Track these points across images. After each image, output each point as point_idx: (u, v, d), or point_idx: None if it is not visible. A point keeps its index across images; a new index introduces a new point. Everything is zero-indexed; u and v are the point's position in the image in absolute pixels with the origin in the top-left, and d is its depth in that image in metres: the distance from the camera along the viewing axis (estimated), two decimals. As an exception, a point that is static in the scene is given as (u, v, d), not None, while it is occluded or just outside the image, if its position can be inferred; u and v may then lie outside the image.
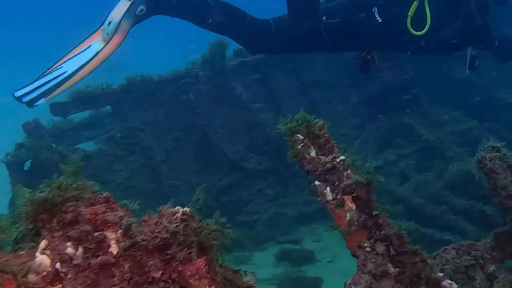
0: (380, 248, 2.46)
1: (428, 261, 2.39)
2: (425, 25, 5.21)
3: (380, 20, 5.32)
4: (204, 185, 2.09)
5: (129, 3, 5.23)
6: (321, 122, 2.54)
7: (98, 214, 1.87)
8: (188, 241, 1.85)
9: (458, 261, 2.71)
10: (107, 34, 5.28)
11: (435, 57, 7.60)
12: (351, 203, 2.49)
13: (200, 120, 7.54)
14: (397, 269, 2.39)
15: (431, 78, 8.87)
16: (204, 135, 7.61)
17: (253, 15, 5.64)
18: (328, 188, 2.49)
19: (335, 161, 2.50)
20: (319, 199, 2.51)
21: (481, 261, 2.78)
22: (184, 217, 1.90)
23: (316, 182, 2.52)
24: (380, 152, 8.19)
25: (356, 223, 2.46)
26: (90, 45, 5.36)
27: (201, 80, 7.77)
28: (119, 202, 1.98)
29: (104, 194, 1.90)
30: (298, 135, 2.53)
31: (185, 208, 1.93)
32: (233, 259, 6.44)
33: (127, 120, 7.53)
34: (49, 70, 5.32)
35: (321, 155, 2.53)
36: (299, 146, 2.52)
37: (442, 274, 2.38)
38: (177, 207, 1.94)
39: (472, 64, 5.73)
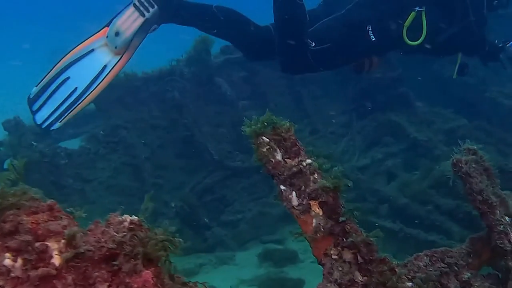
0: (348, 255, 2.36)
1: (396, 270, 2.29)
2: (421, 35, 5.20)
3: (374, 39, 5.28)
4: (152, 192, 1.98)
5: (142, 20, 5.17)
6: (288, 123, 2.44)
7: (40, 223, 1.77)
8: (135, 252, 1.75)
9: (431, 269, 2.61)
10: (116, 48, 5.21)
11: (425, 57, 7.56)
12: (318, 208, 2.39)
13: (185, 118, 7.43)
14: (365, 278, 2.29)
15: (420, 75, 8.79)
16: (189, 133, 7.49)
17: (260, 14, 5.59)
18: (293, 193, 2.39)
19: (301, 165, 2.40)
20: (284, 204, 2.41)
21: (456, 268, 2.69)
22: (131, 226, 1.81)
23: (281, 187, 2.42)
24: (367, 151, 8.10)
25: (322, 229, 2.36)
26: (93, 49, 5.29)
27: (186, 78, 7.66)
28: (65, 209, 1.88)
29: (48, 202, 1.80)
30: (263, 137, 2.43)
31: (133, 217, 1.83)
32: (215, 259, 6.37)
33: (111, 118, 7.41)
34: (54, 71, 5.25)
35: (287, 158, 2.43)
36: (264, 149, 2.43)
37: (410, 284, 2.28)
38: (124, 215, 1.85)
39: (461, 70, 5.70)
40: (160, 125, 7.63)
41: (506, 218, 2.80)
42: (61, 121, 5.24)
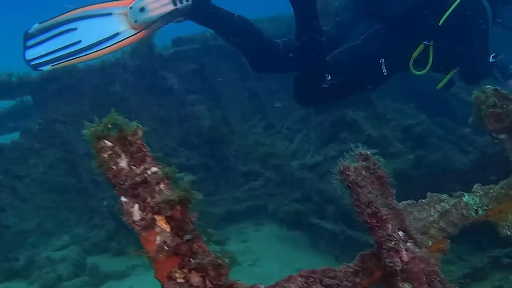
0: (195, 279, 2.04)
1: (246, 298, 1.97)
2: (426, 65, 5.24)
3: (385, 73, 5.22)
4: None
5: (172, 8, 4.93)
6: (135, 125, 2.11)
7: None
8: None
9: (305, 292, 2.29)
10: (135, 22, 4.92)
11: None
12: (165, 224, 2.07)
13: (127, 112, 7.07)
14: (214, 305, 1.97)
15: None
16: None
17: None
18: (135, 206, 2.07)
19: (146, 173, 2.07)
20: (124, 219, 2.08)
21: (337, 290, 2.37)
22: None
23: (123, 198, 2.09)
24: (323, 147, 7.79)
25: (166, 248, 2.03)
26: (111, 13, 5.04)
27: (130, 70, 7.31)
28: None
29: None
30: (105, 141, 2.10)
31: None
32: (148, 262, 6.06)
33: (47, 112, 7.06)
34: (63, 17, 5.00)
35: (132, 165, 2.10)
36: (106, 155, 2.09)
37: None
38: None
39: (448, 86, 5.66)
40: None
41: (400, 233, 2.49)
42: (53, 65, 4.99)
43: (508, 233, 3.35)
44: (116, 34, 4.96)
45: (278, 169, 6.77)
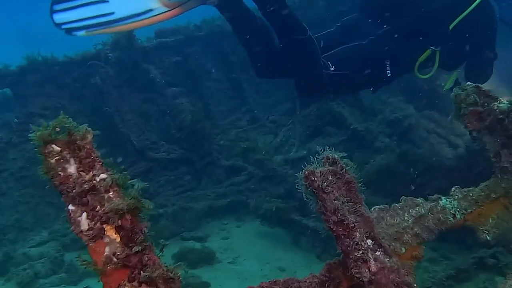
0: (146, 293, 1.92)
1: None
2: (429, 67, 5.32)
3: (389, 74, 5.22)
4: None
5: None
6: (84, 129, 1.98)
7: None
8: None
9: (267, 303, 2.18)
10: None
11: None
12: (115, 234, 1.94)
13: (107, 105, 6.95)
14: (165, 320, 1.85)
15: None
16: (111, 122, 7.01)
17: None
18: (83, 215, 1.94)
19: (95, 180, 1.95)
20: (71, 228, 1.95)
21: (302, 301, 2.26)
22: None
23: (70, 207, 1.97)
24: (308, 141, 7.67)
25: (115, 260, 1.91)
26: None
27: (110, 62, 7.16)
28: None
29: None
30: (53, 145, 1.97)
31: None
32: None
33: (27, 105, 6.92)
34: None
35: (81, 171, 1.98)
36: (53, 160, 1.97)
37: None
38: None
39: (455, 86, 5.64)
40: (82, 113, 7.13)
41: (368, 241, 2.37)
42: (89, 32, 4.86)
43: (488, 238, 3.24)
44: (150, 10, 4.88)
45: (260, 164, 6.66)
